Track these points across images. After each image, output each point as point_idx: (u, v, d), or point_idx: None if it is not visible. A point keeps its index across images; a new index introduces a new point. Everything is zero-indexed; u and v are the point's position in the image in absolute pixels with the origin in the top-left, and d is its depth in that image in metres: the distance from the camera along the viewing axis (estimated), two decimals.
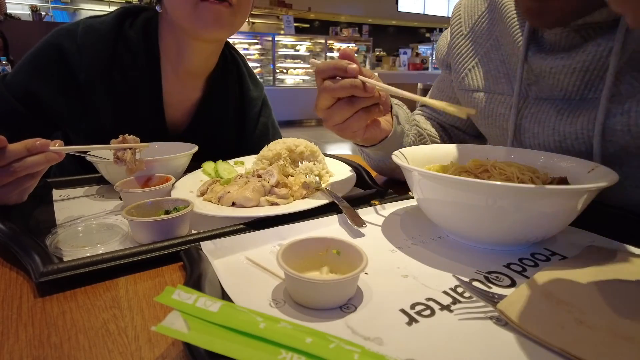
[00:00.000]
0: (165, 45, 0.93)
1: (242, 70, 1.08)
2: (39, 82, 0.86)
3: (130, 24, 0.91)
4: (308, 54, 8.01)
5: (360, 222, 0.57)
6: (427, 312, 0.39)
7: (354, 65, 0.58)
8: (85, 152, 0.75)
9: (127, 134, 0.71)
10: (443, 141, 0.90)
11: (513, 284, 0.44)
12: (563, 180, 0.55)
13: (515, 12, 0.69)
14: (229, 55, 1.06)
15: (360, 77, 0.58)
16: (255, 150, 0.88)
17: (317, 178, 0.77)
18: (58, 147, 0.59)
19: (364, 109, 0.61)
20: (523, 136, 0.69)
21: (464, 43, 0.79)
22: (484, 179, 0.53)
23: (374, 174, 0.81)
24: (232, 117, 1.07)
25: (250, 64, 1.23)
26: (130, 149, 0.69)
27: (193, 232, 0.58)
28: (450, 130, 0.90)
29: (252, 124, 1.11)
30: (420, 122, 0.87)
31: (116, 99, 0.90)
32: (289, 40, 7.80)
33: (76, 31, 0.87)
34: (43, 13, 6.61)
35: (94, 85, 0.87)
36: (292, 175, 0.75)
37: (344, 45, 8.49)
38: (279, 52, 7.56)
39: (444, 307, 0.40)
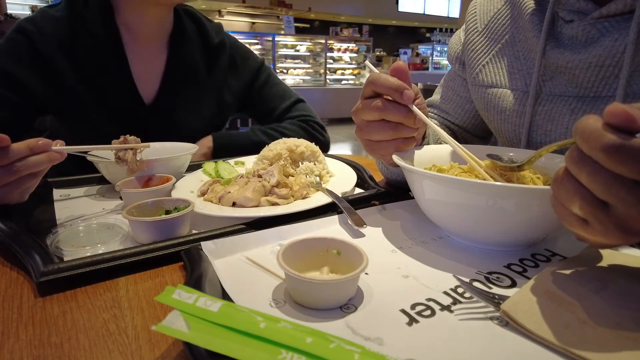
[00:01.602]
0: (123, 18, 0.98)
1: (201, 21, 1.11)
2: (13, 65, 0.91)
3: (84, 4, 0.95)
4: (308, 54, 8.01)
5: (361, 223, 0.57)
6: (428, 312, 0.39)
7: (411, 92, 0.55)
8: (86, 152, 0.76)
9: (127, 135, 0.71)
10: None
11: (513, 284, 0.44)
12: None
13: (535, 8, 0.69)
14: (183, 14, 1.09)
15: (413, 107, 0.56)
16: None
17: (318, 178, 0.77)
18: (60, 147, 0.59)
19: (403, 138, 0.59)
20: (535, 133, 0.69)
21: (479, 39, 0.80)
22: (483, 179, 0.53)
23: (375, 175, 0.81)
24: (203, 70, 1.10)
25: None
26: (131, 149, 0.69)
27: (193, 232, 0.58)
28: (457, 132, 0.90)
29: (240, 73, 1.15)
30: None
31: (84, 75, 0.95)
32: (289, 40, 7.80)
33: (35, 17, 0.95)
34: None
35: (59, 61, 0.93)
36: (292, 176, 0.75)
37: (344, 45, 8.49)
38: (279, 52, 7.56)
39: (445, 308, 0.40)
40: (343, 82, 8.46)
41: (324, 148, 1.14)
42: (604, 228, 0.34)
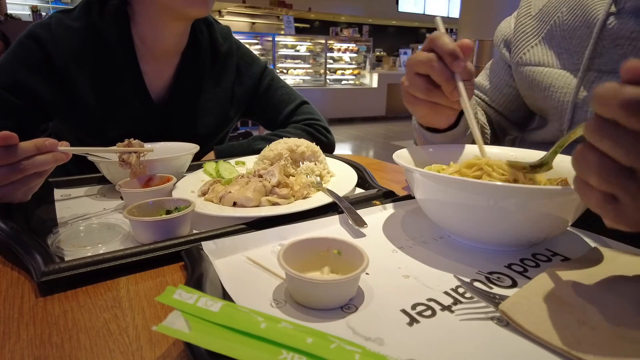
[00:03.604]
0: (140, 30, 0.97)
1: (213, 26, 1.10)
2: (23, 71, 0.90)
3: (100, 14, 0.94)
4: (308, 54, 8.01)
5: (362, 223, 0.57)
6: (428, 312, 0.39)
7: (463, 63, 0.55)
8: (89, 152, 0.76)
9: (132, 139, 0.72)
10: (491, 131, 0.90)
11: (514, 284, 0.44)
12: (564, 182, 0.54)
13: None
14: (197, 25, 1.07)
15: (457, 76, 0.56)
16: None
17: (319, 178, 0.77)
18: (65, 148, 0.60)
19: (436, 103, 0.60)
20: (581, 110, 0.69)
21: (531, 22, 0.81)
22: (481, 178, 0.53)
23: (376, 175, 0.81)
24: (211, 79, 1.09)
25: None
26: (135, 152, 0.70)
27: (194, 232, 0.58)
28: (492, 116, 0.91)
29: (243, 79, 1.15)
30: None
31: (97, 85, 0.94)
32: (289, 40, 7.80)
33: (50, 24, 0.93)
34: (43, 13, 6.60)
35: (72, 71, 0.92)
36: (293, 176, 0.75)
37: (344, 46, 8.49)
38: (279, 53, 7.56)
39: (445, 308, 0.40)
40: (343, 82, 8.46)
41: (329, 150, 1.14)
42: (633, 199, 0.31)
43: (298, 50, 7.89)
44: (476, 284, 0.44)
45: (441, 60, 0.56)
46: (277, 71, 7.38)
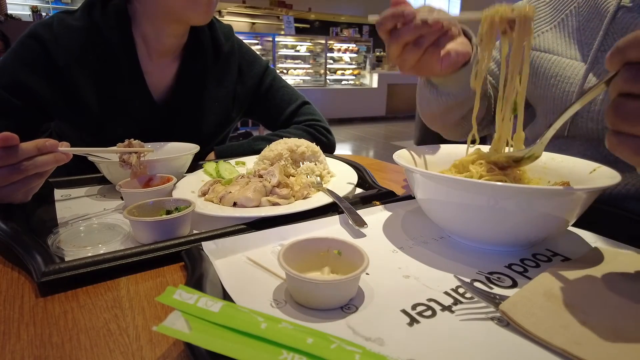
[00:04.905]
0: (141, 30, 0.97)
1: (214, 26, 1.09)
2: (24, 72, 0.90)
3: (101, 14, 0.94)
4: (308, 54, 8.02)
5: (362, 223, 0.57)
6: (429, 312, 0.39)
7: (409, 9, 0.56)
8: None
9: (132, 139, 0.72)
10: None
11: (514, 284, 0.44)
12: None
13: None
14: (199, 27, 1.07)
15: (418, 16, 0.57)
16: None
17: (319, 178, 0.77)
18: (66, 148, 0.60)
19: (433, 43, 0.60)
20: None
21: (544, 8, 0.81)
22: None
23: (376, 175, 0.81)
24: (213, 79, 1.09)
25: None
26: (135, 153, 0.70)
27: (194, 232, 0.58)
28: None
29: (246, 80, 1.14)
30: None
31: (98, 85, 0.94)
32: (289, 40, 7.80)
33: (52, 23, 0.93)
34: (43, 13, 6.61)
35: (73, 71, 0.92)
36: (293, 176, 0.75)
37: (344, 46, 8.50)
38: (279, 53, 7.56)
39: (445, 308, 0.40)
40: (343, 82, 8.47)
41: (329, 151, 1.14)
42: None
43: (298, 51, 7.90)
44: (476, 284, 0.44)
45: (397, 29, 0.58)
46: (277, 71, 7.40)
